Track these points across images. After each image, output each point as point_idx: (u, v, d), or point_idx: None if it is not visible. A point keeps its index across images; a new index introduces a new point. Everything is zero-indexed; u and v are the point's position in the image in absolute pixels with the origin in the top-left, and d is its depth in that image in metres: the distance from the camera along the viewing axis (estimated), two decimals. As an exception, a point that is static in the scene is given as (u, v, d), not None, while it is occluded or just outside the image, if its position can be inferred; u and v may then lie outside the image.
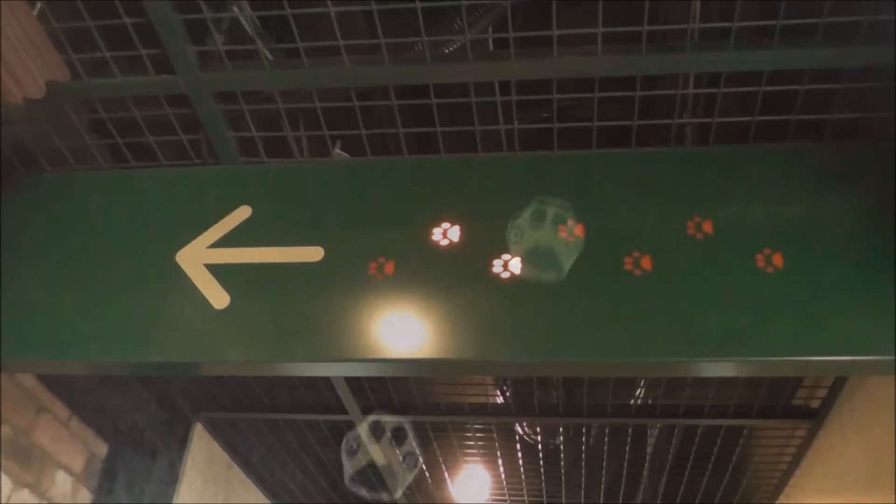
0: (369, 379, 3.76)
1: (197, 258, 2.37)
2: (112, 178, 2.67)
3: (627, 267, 2.15)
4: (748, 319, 2.03)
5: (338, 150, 2.59)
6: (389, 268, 2.25)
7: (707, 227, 2.19)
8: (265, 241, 2.37)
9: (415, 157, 2.55)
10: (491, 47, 2.47)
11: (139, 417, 3.79)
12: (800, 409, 3.79)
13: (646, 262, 2.15)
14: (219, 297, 2.27)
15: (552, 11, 2.12)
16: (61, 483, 3.42)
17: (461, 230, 2.30)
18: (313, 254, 2.31)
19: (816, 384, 3.68)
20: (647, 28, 2.12)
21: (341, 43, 2.25)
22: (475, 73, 2.28)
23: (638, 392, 3.91)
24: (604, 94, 2.28)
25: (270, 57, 2.46)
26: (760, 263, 2.11)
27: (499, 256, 2.22)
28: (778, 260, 2.11)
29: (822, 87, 2.26)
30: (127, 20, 2.27)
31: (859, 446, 3.48)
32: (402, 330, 2.15)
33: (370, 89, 2.53)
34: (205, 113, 2.47)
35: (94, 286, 2.37)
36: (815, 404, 3.74)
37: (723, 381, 3.55)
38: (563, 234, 2.23)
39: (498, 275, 2.19)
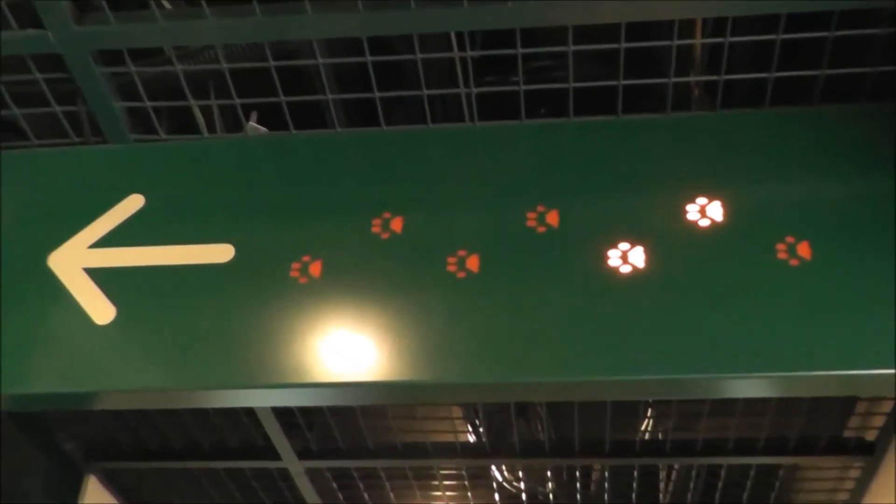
0: (306, 414, 3.74)
1: (74, 261, 2.37)
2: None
3: (614, 262, 2.17)
4: (773, 326, 2.03)
5: (253, 124, 2.59)
6: (316, 268, 2.26)
7: (713, 211, 2.22)
8: (161, 239, 2.39)
9: (350, 131, 2.58)
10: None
11: (21, 472, 3.77)
12: (851, 441, 3.79)
13: (636, 257, 2.17)
14: (102, 311, 2.28)
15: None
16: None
17: (407, 220, 2.31)
18: (222, 253, 2.33)
19: (870, 410, 3.67)
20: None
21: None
22: (419, 23, 2.28)
23: (644, 425, 3.90)
24: (580, 48, 2.29)
25: (168, 5, 2.46)
26: (783, 255, 2.13)
27: (454, 252, 2.24)
28: (804, 250, 2.13)
29: (858, 34, 2.27)
30: (-19, -41, 2.27)
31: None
32: (333, 347, 2.16)
33: (295, 46, 2.53)
34: (83, 78, 2.47)
35: (-51, 300, 2.36)
36: (870, 436, 3.74)
37: (749, 410, 3.55)
38: (532, 223, 2.25)
39: (454, 274, 2.21)
